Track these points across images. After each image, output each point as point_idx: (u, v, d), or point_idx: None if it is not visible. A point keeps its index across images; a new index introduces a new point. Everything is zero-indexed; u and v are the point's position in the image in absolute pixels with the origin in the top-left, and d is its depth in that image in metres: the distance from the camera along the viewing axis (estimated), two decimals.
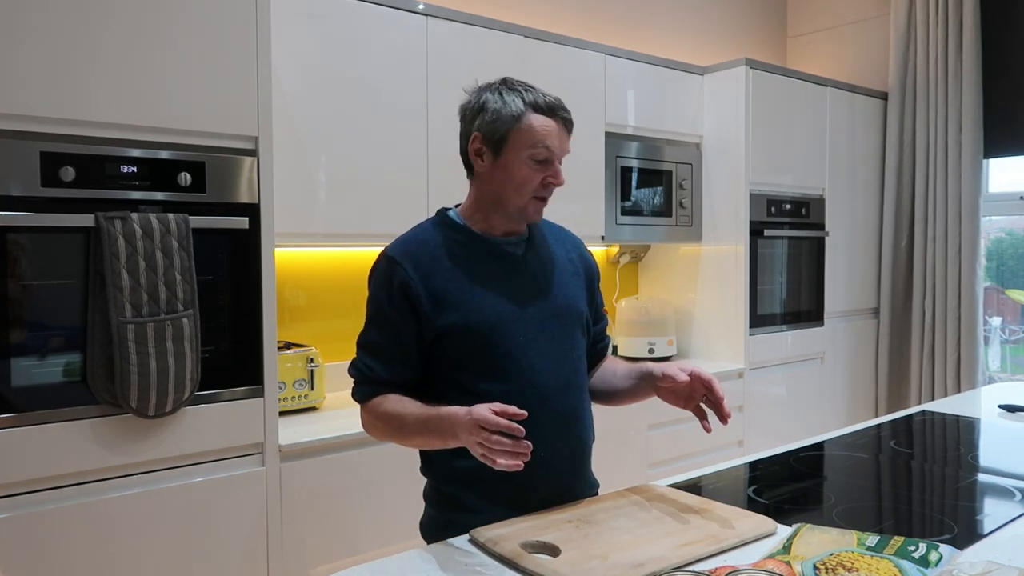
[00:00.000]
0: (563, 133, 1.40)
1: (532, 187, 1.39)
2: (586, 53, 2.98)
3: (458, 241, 1.43)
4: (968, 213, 3.73)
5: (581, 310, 1.51)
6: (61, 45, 1.68)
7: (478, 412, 1.20)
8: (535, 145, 1.37)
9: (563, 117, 1.40)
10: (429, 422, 1.31)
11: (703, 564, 1.15)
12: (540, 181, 1.39)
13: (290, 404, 2.33)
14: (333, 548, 2.12)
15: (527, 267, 1.46)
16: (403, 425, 1.36)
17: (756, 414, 3.36)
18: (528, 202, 1.41)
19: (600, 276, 1.62)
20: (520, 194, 1.40)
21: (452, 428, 1.26)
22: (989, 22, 3.73)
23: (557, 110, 1.39)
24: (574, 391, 1.46)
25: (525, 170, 1.38)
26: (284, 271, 2.56)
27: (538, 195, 1.41)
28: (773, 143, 3.41)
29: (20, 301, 1.65)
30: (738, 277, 3.34)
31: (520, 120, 1.37)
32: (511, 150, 1.38)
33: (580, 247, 1.60)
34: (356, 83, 2.39)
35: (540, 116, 1.38)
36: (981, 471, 1.66)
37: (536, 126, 1.37)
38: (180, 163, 1.83)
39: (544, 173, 1.39)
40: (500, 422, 1.18)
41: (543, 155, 1.38)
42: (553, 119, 1.39)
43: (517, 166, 1.38)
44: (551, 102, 1.39)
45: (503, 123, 1.38)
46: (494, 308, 1.39)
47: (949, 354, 3.79)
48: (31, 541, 1.67)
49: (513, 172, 1.39)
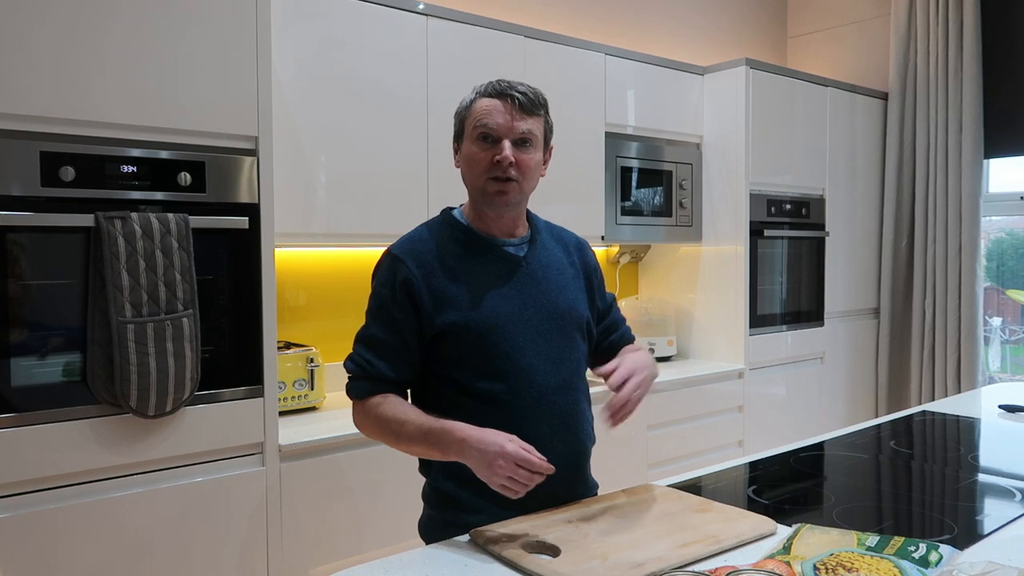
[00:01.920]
0: (512, 110, 1.38)
1: (482, 167, 1.39)
2: (586, 53, 2.98)
3: (460, 241, 1.44)
4: (968, 213, 3.73)
5: (581, 313, 1.51)
6: (61, 45, 1.68)
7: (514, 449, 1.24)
8: (476, 124, 1.39)
9: (511, 95, 1.39)
10: (431, 434, 1.31)
11: (703, 564, 1.15)
12: (489, 160, 1.39)
13: (290, 404, 2.33)
14: (333, 548, 2.12)
15: (528, 269, 1.46)
16: (401, 432, 1.36)
17: (756, 414, 3.36)
18: (485, 183, 1.40)
19: (601, 273, 1.61)
20: (474, 174, 1.41)
21: (459, 447, 1.28)
22: (989, 22, 3.73)
23: (506, 90, 1.39)
24: (572, 392, 1.46)
25: (473, 149, 1.40)
26: (284, 271, 2.56)
27: (492, 175, 1.39)
28: (773, 143, 3.41)
29: (20, 301, 1.65)
30: (738, 277, 3.34)
31: (470, 107, 1.42)
32: (466, 136, 1.42)
33: (583, 248, 1.60)
34: (356, 83, 2.39)
35: (486, 99, 1.40)
36: (981, 471, 1.66)
37: (478, 107, 1.40)
38: (180, 163, 1.83)
39: (491, 152, 1.39)
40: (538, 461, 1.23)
41: (482, 132, 1.38)
42: (499, 98, 1.39)
43: (468, 148, 1.41)
44: (502, 86, 1.40)
45: (459, 115, 1.44)
46: (493, 309, 1.39)
47: (949, 354, 3.79)
48: (31, 541, 1.67)
49: (468, 156, 1.42)
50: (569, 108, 2.91)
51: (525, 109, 1.39)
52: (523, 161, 1.39)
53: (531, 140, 1.41)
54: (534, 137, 1.41)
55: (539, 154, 1.43)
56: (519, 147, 1.39)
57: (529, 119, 1.40)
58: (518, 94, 1.39)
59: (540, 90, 1.44)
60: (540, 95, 1.43)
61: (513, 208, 1.44)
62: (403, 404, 1.39)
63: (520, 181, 1.40)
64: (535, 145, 1.42)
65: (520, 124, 1.39)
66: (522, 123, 1.39)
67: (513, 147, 1.38)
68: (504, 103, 1.38)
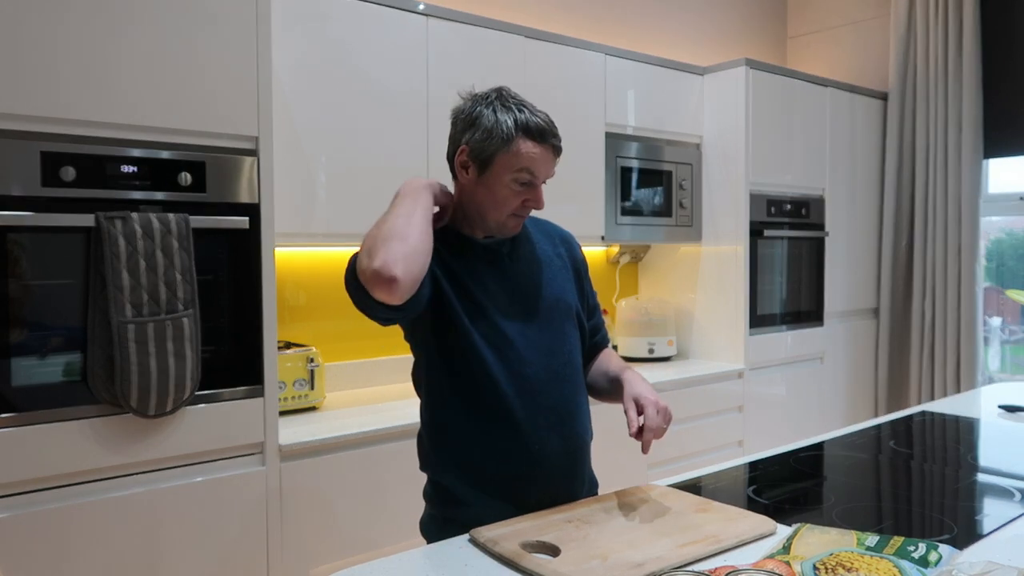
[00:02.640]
0: (550, 159, 1.40)
1: (511, 208, 1.40)
2: (586, 53, 2.98)
3: (446, 242, 1.44)
4: (968, 213, 3.73)
5: (570, 303, 1.52)
6: (61, 45, 1.68)
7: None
8: (521, 170, 1.37)
9: (553, 144, 1.40)
10: (395, 204, 1.32)
11: (703, 564, 1.15)
12: (521, 203, 1.41)
13: (290, 404, 2.33)
14: (333, 548, 2.12)
15: (514, 263, 1.47)
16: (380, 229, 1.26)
17: (756, 414, 3.36)
18: (507, 219, 1.42)
19: (588, 268, 1.62)
20: (499, 212, 1.41)
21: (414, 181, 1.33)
22: (989, 22, 3.73)
23: (548, 136, 1.38)
24: (566, 384, 1.46)
25: (507, 192, 1.39)
26: (284, 271, 2.56)
27: (517, 213, 1.42)
28: (773, 143, 3.41)
29: (21, 301, 1.65)
30: (738, 277, 3.34)
31: (510, 144, 1.36)
32: (496, 170, 1.38)
33: (568, 240, 1.61)
34: (356, 83, 2.39)
35: (530, 142, 1.37)
36: (981, 471, 1.66)
37: (524, 152, 1.36)
38: (180, 163, 1.83)
39: (525, 195, 1.40)
40: None
41: (526, 179, 1.38)
42: (542, 146, 1.38)
43: (500, 187, 1.39)
44: (543, 127, 1.38)
45: (492, 144, 1.37)
46: (481, 302, 1.40)
47: (949, 354, 3.79)
48: (31, 541, 1.67)
49: (495, 192, 1.39)
50: (569, 108, 2.91)
51: (558, 155, 1.43)
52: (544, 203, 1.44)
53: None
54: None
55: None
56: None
57: (555, 164, 1.44)
58: (558, 143, 1.41)
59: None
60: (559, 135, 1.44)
61: None
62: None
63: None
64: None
65: (552, 170, 1.43)
66: (553, 169, 1.43)
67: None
68: (546, 152, 1.39)
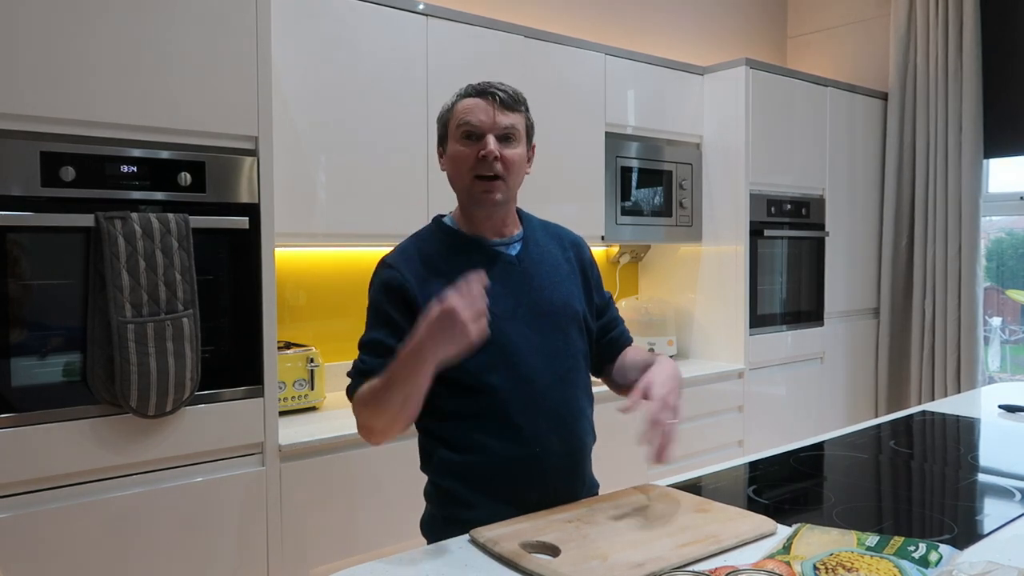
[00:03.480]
0: (493, 107, 1.40)
1: (467, 165, 1.40)
2: (586, 53, 2.98)
3: (450, 245, 1.45)
4: (968, 213, 3.73)
5: (577, 309, 1.51)
6: (61, 45, 1.68)
7: (449, 304, 1.18)
8: (459, 124, 1.41)
9: (491, 92, 1.41)
10: (396, 370, 1.27)
11: (703, 564, 1.15)
12: (474, 157, 1.40)
13: (290, 404, 2.33)
14: (333, 548, 2.12)
15: (521, 267, 1.46)
16: (380, 395, 1.30)
17: (756, 414, 3.36)
18: (471, 183, 1.41)
19: (597, 269, 1.61)
20: (460, 176, 1.42)
21: (416, 350, 1.22)
22: (989, 22, 3.73)
23: (486, 88, 1.41)
24: (570, 388, 1.46)
25: (457, 148, 1.42)
26: (284, 271, 2.56)
27: (478, 172, 1.40)
28: (773, 143, 3.41)
29: (20, 301, 1.65)
30: (738, 277, 3.34)
31: (452, 108, 1.44)
32: (449, 139, 1.44)
33: (578, 244, 1.60)
34: (356, 83, 2.39)
35: (467, 99, 1.42)
36: (981, 471, 1.66)
37: (460, 107, 1.42)
38: (180, 163, 1.83)
39: (476, 148, 1.40)
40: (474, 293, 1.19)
41: (466, 130, 1.40)
42: (479, 97, 1.41)
43: (452, 148, 1.43)
44: (482, 85, 1.42)
45: (441, 118, 1.46)
46: (488, 307, 1.39)
47: (949, 354, 3.79)
48: (31, 541, 1.67)
49: (452, 157, 1.43)
50: (569, 108, 2.91)
51: (506, 105, 1.41)
52: (507, 157, 1.40)
53: (514, 135, 1.42)
54: (517, 132, 1.42)
55: (523, 149, 1.44)
56: (502, 143, 1.40)
57: (511, 114, 1.42)
58: (498, 91, 1.41)
59: (520, 90, 1.46)
60: (520, 93, 1.45)
61: (501, 207, 1.44)
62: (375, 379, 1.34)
63: (505, 178, 1.41)
64: (518, 140, 1.43)
65: (502, 119, 1.40)
66: (504, 118, 1.41)
67: (497, 143, 1.39)
68: (485, 100, 1.40)
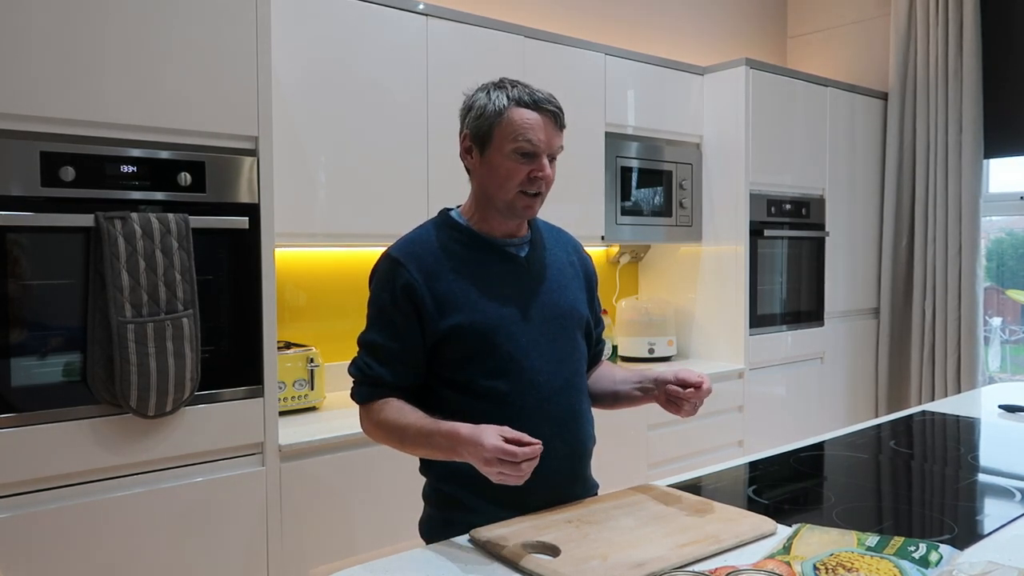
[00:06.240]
0: (550, 127, 1.38)
1: (517, 181, 1.38)
2: (586, 53, 2.98)
3: (460, 242, 1.43)
4: (968, 213, 3.73)
5: (582, 312, 1.51)
6: (61, 45, 1.68)
7: (492, 443, 1.19)
8: (517, 139, 1.36)
9: (549, 111, 1.38)
10: (432, 438, 1.31)
11: (703, 564, 1.15)
12: (525, 175, 1.38)
13: (290, 404, 2.33)
14: (333, 548, 2.12)
15: (529, 269, 1.46)
16: (404, 436, 1.36)
17: (756, 414, 3.36)
18: (515, 197, 1.39)
19: (597, 280, 1.62)
20: (505, 189, 1.39)
21: (455, 448, 1.26)
22: (989, 22, 3.72)
23: (543, 103, 1.37)
24: (574, 392, 1.46)
25: (509, 164, 1.37)
26: (284, 271, 2.56)
27: (525, 190, 1.39)
28: (773, 143, 3.41)
29: (20, 301, 1.65)
30: (738, 277, 3.34)
31: (503, 115, 1.37)
32: (495, 145, 1.38)
33: (579, 250, 1.60)
34: (356, 83, 2.39)
35: (523, 110, 1.37)
36: (981, 471, 1.66)
37: (517, 120, 1.36)
38: (180, 163, 1.83)
39: (529, 167, 1.38)
40: (520, 453, 1.18)
41: (525, 148, 1.36)
42: (538, 112, 1.37)
43: (500, 160, 1.38)
44: (537, 96, 1.38)
45: (487, 119, 1.38)
46: (496, 310, 1.39)
47: (949, 354, 3.79)
48: (31, 541, 1.67)
49: (497, 167, 1.38)
50: (569, 108, 2.87)
51: (559, 125, 1.40)
52: (551, 176, 1.40)
53: (558, 155, 1.42)
54: (560, 152, 1.43)
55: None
56: (550, 162, 1.40)
57: (560, 135, 1.41)
58: (554, 108, 1.39)
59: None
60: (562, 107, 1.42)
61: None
62: (404, 408, 1.38)
63: (544, 194, 1.42)
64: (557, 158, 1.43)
65: (556, 140, 1.40)
66: (557, 139, 1.40)
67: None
68: (543, 118, 1.38)
